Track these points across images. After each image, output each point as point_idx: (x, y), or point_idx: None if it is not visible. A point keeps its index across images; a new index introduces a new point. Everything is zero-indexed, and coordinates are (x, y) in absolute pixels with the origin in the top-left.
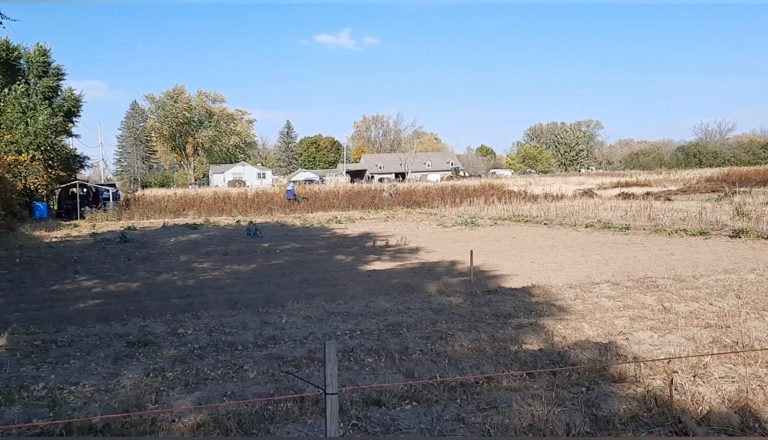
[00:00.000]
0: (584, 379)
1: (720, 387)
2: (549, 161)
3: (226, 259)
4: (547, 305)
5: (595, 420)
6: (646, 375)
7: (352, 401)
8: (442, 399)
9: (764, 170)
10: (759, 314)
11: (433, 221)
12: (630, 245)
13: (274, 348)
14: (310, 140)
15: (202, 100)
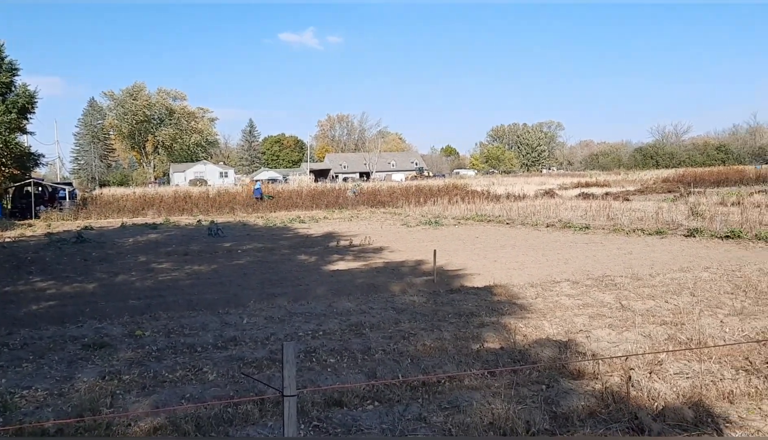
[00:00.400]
0: (544, 377)
1: (675, 383)
2: (511, 161)
3: (186, 259)
4: (509, 303)
5: (554, 417)
6: (604, 371)
7: (313, 402)
8: (404, 399)
9: (717, 171)
10: (712, 311)
11: (398, 221)
12: (589, 244)
13: (234, 349)
14: (274, 138)
15: (162, 97)
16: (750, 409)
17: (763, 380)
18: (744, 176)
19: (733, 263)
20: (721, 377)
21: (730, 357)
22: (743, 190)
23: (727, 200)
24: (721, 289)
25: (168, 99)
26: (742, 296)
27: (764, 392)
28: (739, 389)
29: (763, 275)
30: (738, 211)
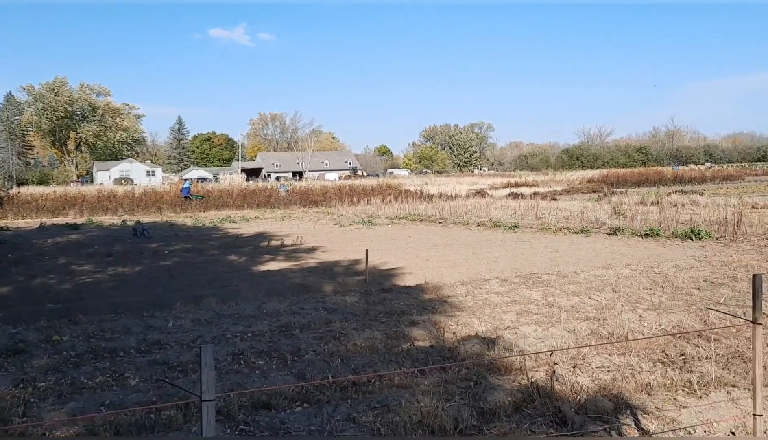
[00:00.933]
0: (473, 373)
1: (597, 376)
2: (444, 161)
3: (109, 261)
4: (440, 302)
5: (481, 413)
6: (530, 367)
7: (240, 405)
8: (334, 400)
9: (638, 172)
10: (632, 306)
11: (331, 221)
12: (518, 242)
13: (158, 353)
14: (204, 137)
15: (85, 92)
16: (666, 400)
17: (677, 371)
18: (663, 176)
19: (652, 260)
20: (640, 369)
21: (648, 350)
22: (662, 190)
23: (647, 199)
24: (641, 285)
25: (91, 94)
26: (660, 291)
27: (679, 383)
28: (656, 381)
29: (679, 271)
30: (657, 210)
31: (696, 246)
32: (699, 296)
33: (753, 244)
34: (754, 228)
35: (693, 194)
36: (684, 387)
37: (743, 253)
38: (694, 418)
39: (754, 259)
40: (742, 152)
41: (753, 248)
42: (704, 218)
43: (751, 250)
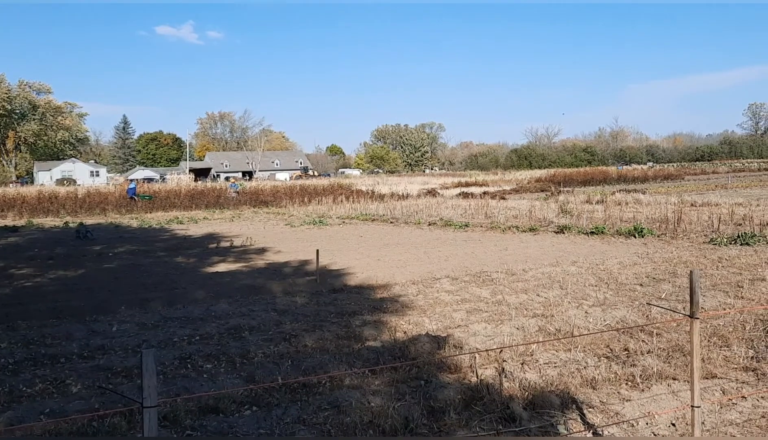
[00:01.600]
0: (423, 372)
1: (544, 372)
2: (396, 161)
3: (50, 264)
4: (391, 301)
5: (431, 411)
6: (480, 364)
7: (187, 410)
8: (284, 402)
9: (584, 172)
10: (578, 302)
11: (281, 221)
12: (468, 241)
13: (102, 358)
14: (150, 136)
15: (24, 90)
16: (610, 394)
17: (621, 366)
18: (607, 176)
19: (597, 258)
20: (586, 364)
21: (593, 346)
22: (607, 189)
23: (593, 198)
24: (587, 282)
25: (31, 92)
26: (605, 288)
27: (622, 377)
28: (600, 375)
29: (623, 268)
30: (602, 209)
31: (639, 243)
32: (642, 292)
33: (692, 241)
34: (693, 225)
35: (636, 193)
36: (627, 381)
37: (683, 250)
38: (637, 411)
39: (693, 255)
40: (681, 152)
41: (692, 245)
42: (647, 216)
43: (690, 247)
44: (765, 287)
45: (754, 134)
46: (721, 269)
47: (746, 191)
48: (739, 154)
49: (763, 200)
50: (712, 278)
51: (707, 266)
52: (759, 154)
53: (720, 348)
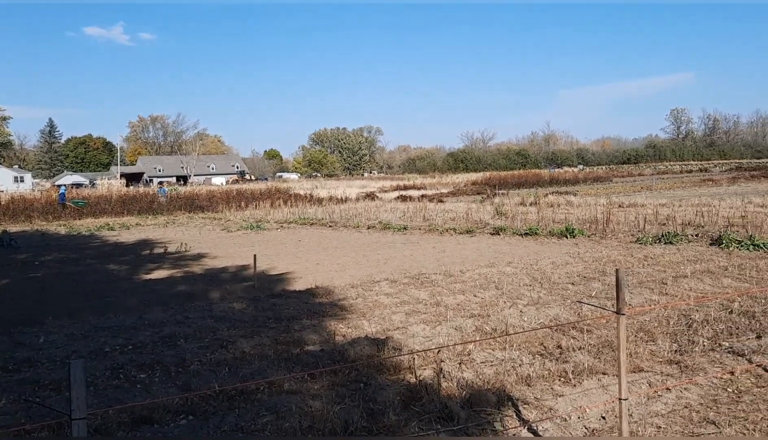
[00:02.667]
0: (363, 375)
1: (481, 371)
2: (334, 165)
3: None
4: (331, 305)
5: (371, 414)
6: (418, 365)
7: (119, 422)
8: (221, 410)
9: (518, 174)
10: (513, 302)
11: (218, 226)
12: (407, 244)
13: (28, 371)
14: (79, 140)
15: None
16: (544, 390)
17: (554, 362)
18: (540, 178)
19: (532, 258)
20: (521, 362)
21: (528, 344)
22: (540, 191)
23: (527, 200)
24: (521, 282)
25: None
26: (539, 287)
27: (556, 373)
28: (535, 372)
29: (555, 267)
30: (535, 210)
31: (570, 243)
32: (573, 291)
33: (620, 240)
34: (620, 226)
35: (567, 195)
36: (560, 377)
37: (612, 249)
38: (569, 406)
39: (621, 254)
40: (609, 155)
41: (620, 244)
42: (577, 217)
43: (618, 246)
44: (687, 283)
45: (676, 137)
46: (647, 267)
47: (669, 192)
48: (662, 157)
49: (685, 201)
50: (639, 276)
51: (634, 264)
52: (681, 157)
53: (646, 343)
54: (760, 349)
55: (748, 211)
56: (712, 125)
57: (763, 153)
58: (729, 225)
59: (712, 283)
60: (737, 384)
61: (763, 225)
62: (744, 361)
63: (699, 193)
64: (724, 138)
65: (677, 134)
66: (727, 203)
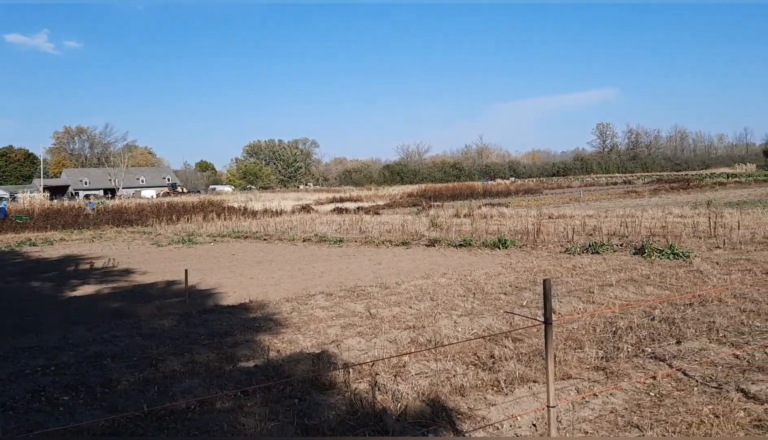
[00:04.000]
0: (297, 391)
1: (416, 383)
2: (269, 177)
3: None
4: (265, 320)
5: (306, 429)
6: (353, 379)
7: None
8: (150, 431)
9: (453, 187)
10: (448, 313)
11: (147, 240)
12: (343, 256)
13: None
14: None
15: None
16: (477, 400)
17: (487, 372)
18: (474, 190)
19: (466, 269)
20: (455, 373)
21: (462, 354)
22: (473, 203)
23: (461, 212)
24: (456, 293)
25: None
26: (472, 298)
27: (488, 383)
28: (468, 382)
29: (489, 278)
30: (469, 222)
31: (503, 254)
32: (506, 301)
33: (550, 251)
34: (550, 236)
35: (500, 207)
36: (493, 386)
37: (542, 259)
38: (502, 414)
39: (551, 264)
40: (540, 168)
41: (550, 254)
42: (510, 228)
43: (548, 256)
44: (612, 292)
45: (601, 151)
46: (575, 276)
47: (596, 204)
48: (589, 169)
49: (611, 212)
50: (568, 285)
51: (563, 274)
52: (606, 169)
53: (574, 350)
54: (679, 354)
55: (668, 221)
56: (634, 139)
57: (682, 166)
58: (651, 235)
59: (635, 291)
60: (659, 389)
61: (682, 235)
62: (665, 366)
63: (623, 204)
64: (646, 152)
65: (603, 148)
66: (649, 214)
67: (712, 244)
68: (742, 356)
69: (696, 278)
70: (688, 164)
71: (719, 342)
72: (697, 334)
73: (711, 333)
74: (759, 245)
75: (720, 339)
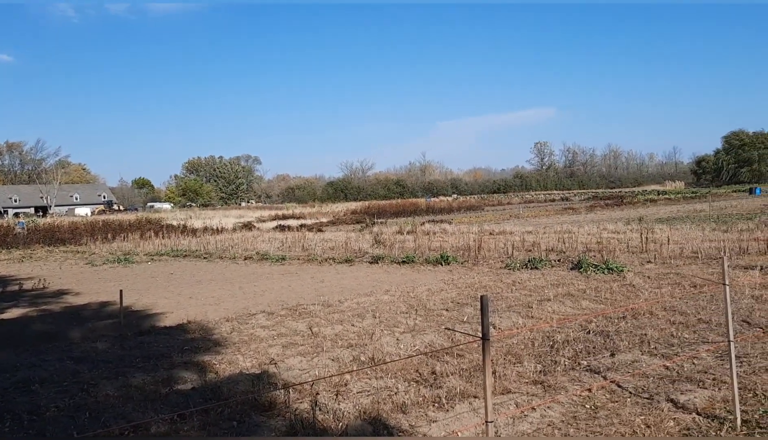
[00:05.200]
0: (236, 413)
1: (358, 401)
2: (210, 194)
3: None
4: (203, 340)
5: None
6: (294, 399)
7: None
8: None
9: (396, 204)
10: (390, 330)
11: (81, 260)
12: (285, 275)
13: None
14: None
15: None
16: (418, 416)
17: (429, 388)
18: (417, 207)
19: (408, 286)
20: (397, 390)
21: (404, 371)
22: (417, 220)
23: (404, 229)
24: (398, 309)
25: None
26: (414, 314)
27: (430, 399)
28: (410, 399)
29: (431, 294)
30: (412, 238)
31: (445, 271)
32: (448, 317)
33: (491, 266)
34: (491, 252)
35: (443, 223)
36: (434, 403)
37: (483, 275)
38: (442, 430)
39: (491, 280)
40: (481, 185)
41: (491, 270)
42: (452, 245)
43: (489, 272)
44: (550, 306)
45: (540, 169)
46: (515, 291)
47: (535, 220)
48: (529, 186)
49: (549, 228)
50: (508, 301)
51: (503, 289)
52: (545, 186)
53: (514, 365)
54: (613, 366)
55: (603, 237)
56: (571, 158)
57: (616, 183)
58: (587, 250)
59: (572, 305)
60: (594, 401)
61: (616, 250)
62: (600, 378)
63: (561, 220)
64: (582, 169)
65: (541, 166)
66: (586, 230)
67: (644, 259)
68: (671, 367)
69: (629, 291)
70: (622, 182)
71: (650, 354)
72: (630, 346)
73: (643, 345)
74: (687, 260)
75: (651, 351)
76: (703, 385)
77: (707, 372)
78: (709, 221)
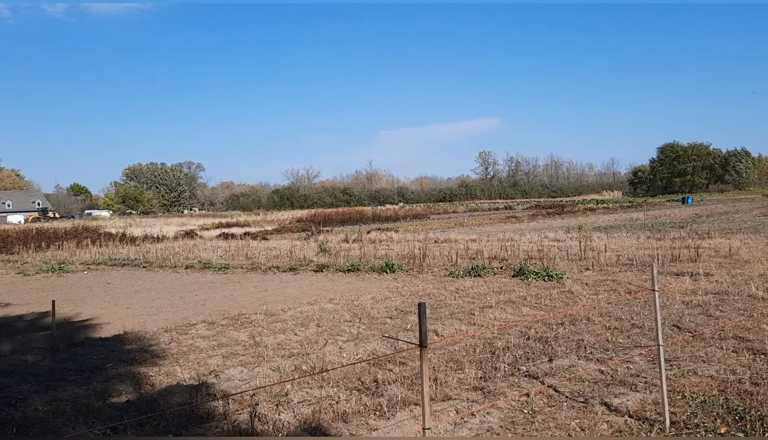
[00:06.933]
0: (172, 425)
1: (298, 411)
2: (151, 201)
3: None
4: (141, 351)
5: None
6: (233, 410)
7: None
8: None
9: (343, 212)
10: (334, 339)
11: (12, 269)
12: (228, 284)
13: None
14: None
15: None
16: (359, 425)
17: (370, 397)
18: (364, 215)
19: (353, 294)
20: (338, 399)
21: (345, 380)
22: (363, 228)
23: (350, 237)
24: (342, 318)
25: None
26: (358, 323)
27: (371, 407)
28: (351, 408)
29: (375, 302)
30: (358, 247)
31: (390, 278)
32: (391, 325)
33: (435, 274)
34: (436, 260)
35: (389, 231)
36: (375, 411)
37: (428, 283)
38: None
39: (436, 288)
40: (427, 193)
41: (435, 278)
42: (397, 253)
43: (433, 280)
44: (492, 313)
45: (485, 178)
46: (458, 299)
47: (479, 228)
48: (473, 195)
49: (492, 236)
50: (451, 308)
51: (447, 296)
52: (489, 195)
53: (455, 372)
54: (551, 371)
55: (544, 245)
56: (515, 167)
57: (557, 192)
58: (529, 258)
59: (513, 312)
60: (532, 406)
61: (556, 258)
62: (538, 383)
63: (504, 229)
64: (525, 179)
65: (486, 175)
66: (527, 238)
67: (582, 266)
68: (606, 371)
69: (568, 298)
70: (563, 191)
71: (587, 359)
72: (568, 351)
73: (580, 350)
74: (623, 267)
75: (587, 356)
76: (635, 388)
77: (639, 375)
78: (644, 230)
